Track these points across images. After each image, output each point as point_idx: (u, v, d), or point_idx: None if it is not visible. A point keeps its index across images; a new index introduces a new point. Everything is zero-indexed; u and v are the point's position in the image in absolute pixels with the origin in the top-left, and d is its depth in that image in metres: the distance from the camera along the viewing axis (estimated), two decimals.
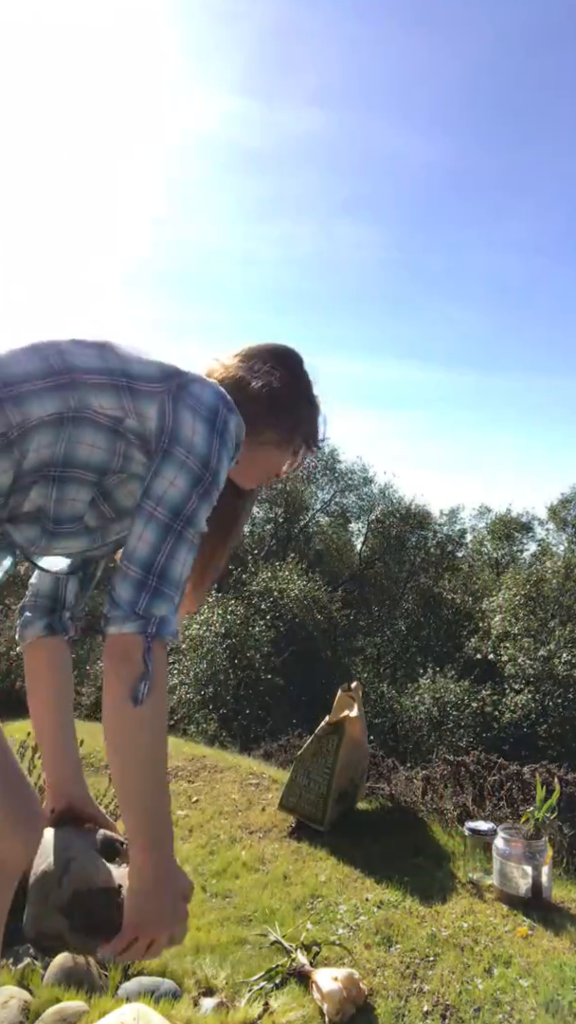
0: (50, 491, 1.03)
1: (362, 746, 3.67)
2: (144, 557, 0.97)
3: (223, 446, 1.04)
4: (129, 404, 1.02)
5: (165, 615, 0.97)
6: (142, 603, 0.96)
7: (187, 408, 1.03)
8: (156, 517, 0.98)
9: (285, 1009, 1.98)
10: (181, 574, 0.99)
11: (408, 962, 2.27)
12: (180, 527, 0.99)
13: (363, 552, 19.92)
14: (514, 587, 16.54)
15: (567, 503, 20.84)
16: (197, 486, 1.00)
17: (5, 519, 1.03)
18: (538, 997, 2.07)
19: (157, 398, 1.03)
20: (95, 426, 1.02)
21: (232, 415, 1.06)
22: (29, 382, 0.98)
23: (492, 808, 3.56)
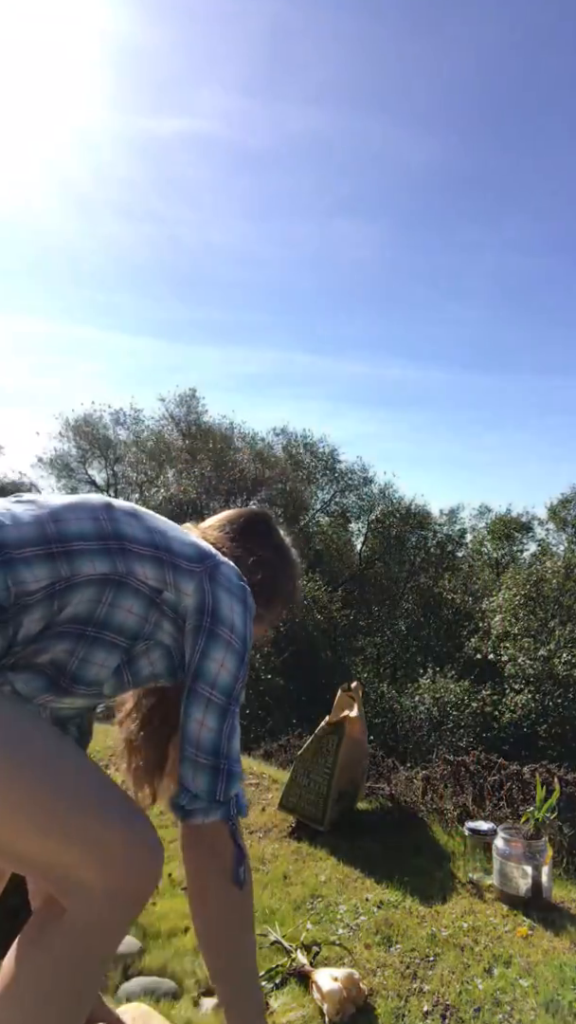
0: (79, 649, 1.04)
1: (362, 746, 3.67)
2: (211, 744, 1.04)
3: (251, 620, 1.12)
4: (171, 578, 1.08)
5: (239, 791, 1.06)
6: (220, 789, 1.03)
7: (223, 589, 1.10)
8: (214, 702, 1.05)
9: (285, 1009, 1.98)
10: (239, 749, 1.07)
11: (408, 962, 2.27)
12: (233, 707, 1.07)
13: (363, 552, 19.92)
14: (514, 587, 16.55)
15: (567, 503, 20.86)
16: (242, 666, 1.08)
17: (8, 666, 1.01)
18: (538, 997, 2.07)
19: (196, 576, 1.09)
20: (135, 593, 1.06)
21: (249, 592, 1.14)
22: (84, 541, 1.02)
23: (492, 808, 3.56)
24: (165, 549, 1.09)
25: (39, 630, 1.00)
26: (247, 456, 18.74)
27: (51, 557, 0.99)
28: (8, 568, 0.94)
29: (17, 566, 0.95)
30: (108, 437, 19.64)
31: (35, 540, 0.99)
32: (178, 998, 2.00)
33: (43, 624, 1.00)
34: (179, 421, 19.90)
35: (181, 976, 2.14)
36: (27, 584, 0.96)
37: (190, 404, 19.91)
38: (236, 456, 18.67)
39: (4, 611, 0.94)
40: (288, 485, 18.58)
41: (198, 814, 1.03)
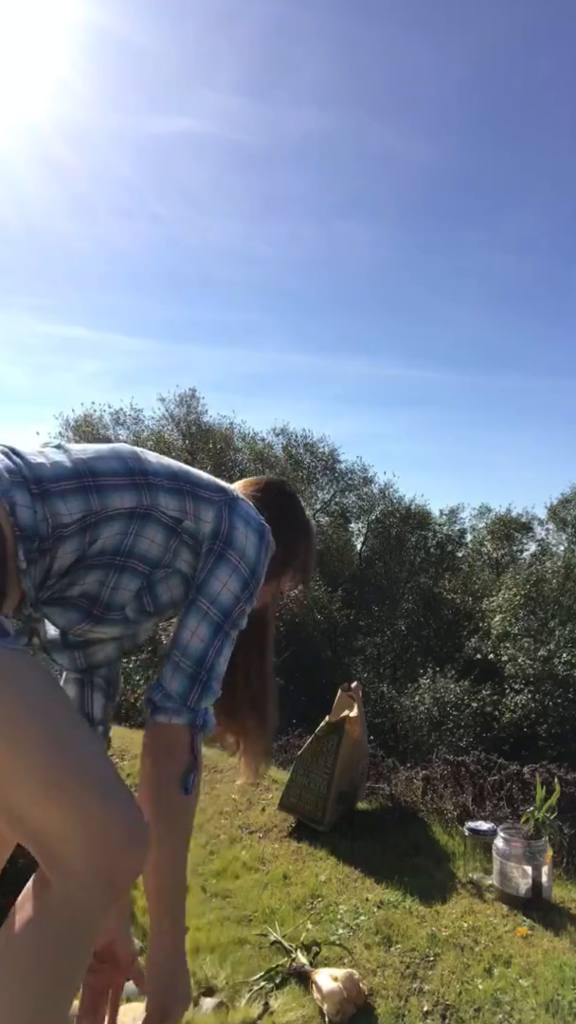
0: (109, 578, 1.10)
1: (362, 746, 3.67)
2: (198, 652, 1.07)
3: (266, 556, 1.16)
4: (191, 507, 1.13)
5: (208, 708, 1.08)
6: (193, 696, 1.06)
7: (240, 518, 1.15)
8: (210, 616, 1.09)
9: (285, 1009, 1.98)
10: (223, 669, 1.09)
11: (408, 962, 2.27)
12: (228, 628, 1.10)
13: (363, 552, 19.92)
14: (514, 587, 16.55)
15: (567, 503, 20.85)
16: (245, 590, 1.12)
17: (43, 600, 1.07)
18: (538, 997, 2.07)
19: (215, 504, 1.14)
20: (158, 523, 1.11)
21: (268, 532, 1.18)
22: (114, 477, 1.09)
23: (492, 808, 3.56)
24: (186, 480, 1.16)
25: (71, 563, 1.05)
26: (247, 456, 18.73)
27: (84, 490, 1.05)
28: (45, 500, 1.01)
29: (53, 499, 1.01)
30: (108, 437, 19.62)
31: (69, 475, 1.05)
32: None
33: (75, 556, 1.05)
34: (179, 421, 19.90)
35: None
36: (62, 516, 1.02)
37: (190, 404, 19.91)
38: (236, 456, 18.66)
39: (44, 541, 1.00)
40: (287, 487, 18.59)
41: (165, 713, 1.05)
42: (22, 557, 0.98)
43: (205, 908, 2.64)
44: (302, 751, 3.58)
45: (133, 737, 5.45)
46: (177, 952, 1.07)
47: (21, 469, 1.02)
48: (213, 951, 2.32)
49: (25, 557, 0.98)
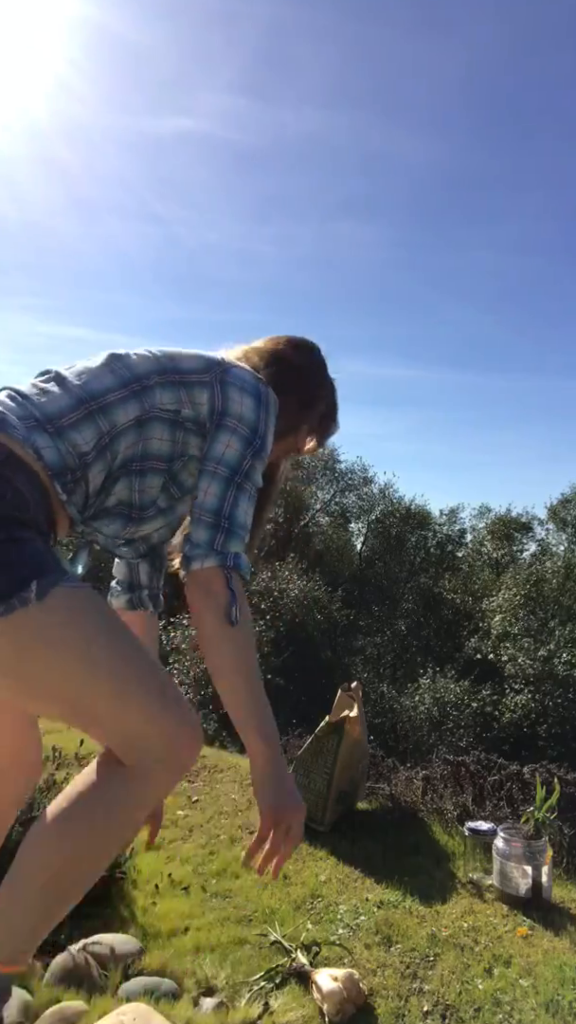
0: (134, 483, 1.19)
1: (362, 746, 3.67)
2: (213, 505, 1.14)
3: (268, 415, 1.21)
4: (185, 396, 1.20)
5: (239, 552, 1.13)
6: (218, 541, 1.12)
7: (233, 387, 1.20)
8: (218, 474, 1.16)
9: (285, 1009, 1.98)
10: (246, 519, 1.16)
11: (408, 962, 2.27)
12: (239, 480, 1.16)
13: (363, 552, 19.92)
14: (514, 587, 16.55)
15: (567, 503, 20.85)
16: (249, 447, 1.18)
17: (91, 516, 1.19)
18: (538, 997, 2.07)
19: (207, 386, 1.20)
20: (161, 421, 1.18)
21: (271, 392, 1.23)
22: (112, 393, 1.15)
23: (492, 808, 3.55)
24: (174, 371, 1.21)
25: (102, 481, 1.16)
26: None
27: (91, 416, 1.13)
28: (61, 436, 1.10)
29: (68, 432, 1.10)
30: None
31: (74, 405, 1.13)
32: (178, 998, 2.00)
33: (104, 475, 1.15)
34: None
35: (181, 976, 2.14)
36: (81, 446, 1.11)
37: None
38: None
39: (74, 472, 1.11)
40: (288, 485, 18.59)
41: (196, 560, 1.12)
42: (60, 490, 1.10)
43: (205, 908, 2.64)
44: (302, 751, 3.58)
45: None
46: (273, 763, 1.12)
47: (32, 412, 1.10)
48: (213, 951, 2.32)
49: (63, 490, 1.10)
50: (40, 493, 1.08)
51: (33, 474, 1.07)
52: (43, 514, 1.09)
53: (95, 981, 1.99)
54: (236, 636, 1.10)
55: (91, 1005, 1.82)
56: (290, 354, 1.37)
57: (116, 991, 1.97)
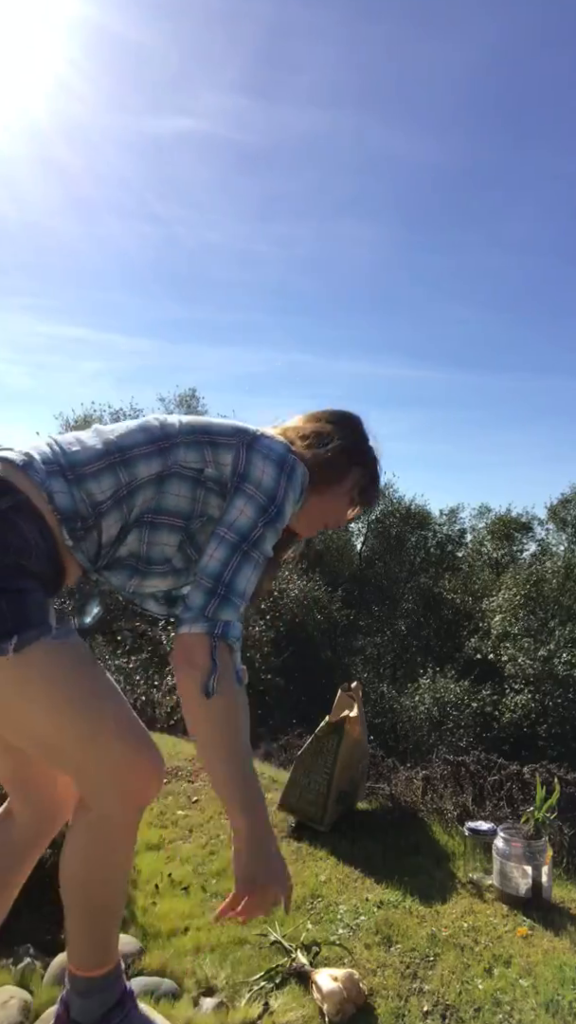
0: (144, 535, 1.21)
1: (362, 746, 3.67)
2: (215, 570, 1.14)
3: (290, 486, 1.20)
4: (210, 455, 1.21)
5: (231, 620, 1.13)
6: (211, 608, 1.12)
7: (258, 454, 1.21)
8: (226, 539, 1.15)
9: (285, 1009, 1.98)
10: (246, 588, 1.15)
11: (408, 962, 2.27)
12: (247, 548, 1.15)
13: (363, 552, 19.91)
14: (514, 587, 16.55)
15: (567, 503, 20.84)
16: (263, 515, 1.17)
17: (104, 566, 1.21)
18: (538, 997, 2.07)
19: (233, 448, 1.21)
20: (181, 478, 1.20)
21: (299, 464, 1.22)
22: (138, 448, 1.19)
23: (492, 808, 3.56)
24: (203, 431, 1.23)
25: (117, 532, 1.18)
26: None
27: (112, 467, 1.17)
28: (79, 484, 1.15)
29: (86, 480, 1.15)
30: None
31: (99, 456, 1.17)
32: (178, 998, 2.00)
33: (120, 526, 1.18)
34: None
35: (181, 976, 2.14)
36: (96, 495, 1.15)
37: (190, 404, 19.90)
38: None
39: (86, 519, 1.15)
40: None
41: (185, 624, 1.12)
42: (67, 536, 1.13)
43: (205, 908, 2.64)
44: (302, 751, 3.58)
45: None
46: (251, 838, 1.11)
47: (58, 458, 1.16)
48: (213, 951, 2.32)
49: (70, 536, 1.14)
50: (46, 539, 1.12)
51: (41, 518, 1.11)
52: (48, 560, 1.13)
53: None
54: (212, 710, 1.10)
55: None
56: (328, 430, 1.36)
57: None
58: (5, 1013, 1.74)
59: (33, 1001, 1.84)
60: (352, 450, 1.37)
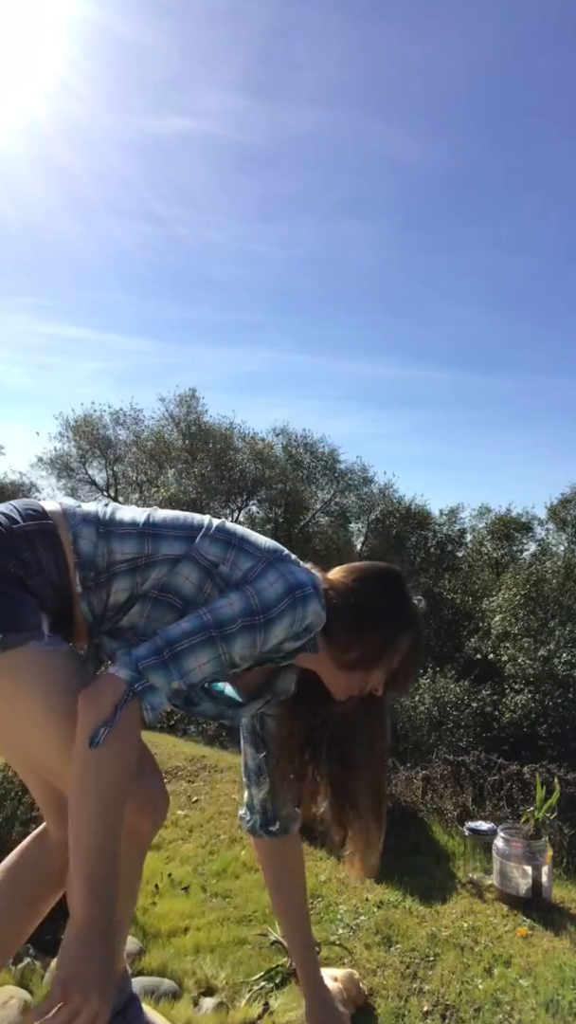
0: (145, 608, 1.19)
1: None
2: (172, 636, 1.09)
3: (291, 612, 1.13)
4: (232, 556, 1.19)
5: (159, 688, 1.05)
6: (147, 663, 1.06)
7: (276, 572, 1.16)
8: (202, 617, 1.11)
9: (285, 1009, 1.98)
10: (192, 670, 1.08)
11: (408, 962, 2.27)
12: (215, 634, 1.10)
13: (363, 552, 19.90)
14: (514, 587, 16.53)
15: (567, 503, 20.81)
16: (248, 616, 1.11)
17: (105, 631, 1.21)
18: (538, 997, 2.07)
19: (256, 559, 1.18)
20: (195, 564, 1.19)
21: (315, 598, 1.15)
22: (171, 530, 1.21)
23: (492, 808, 3.56)
24: (238, 536, 1.22)
25: (124, 599, 1.18)
26: (247, 456, 18.73)
27: (141, 536, 1.19)
28: (106, 539, 1.17)
29: (112, 539, 1.18)
30: (108, 437, 19.61)
31: (135, 526, 1.20)
32: (178, 998, 2.00)
33: (128, 595, 1.18)
34: (179, 421, 19.87)
35: (181, 976, 2.14)
36: (116, 554, 1.17)
37: (190, 404, 19.89)
38: (236, 456, 18.66)
39: (100, 573, 1.16)
40: (288, 485, 18.57)
41: (114, 665, 1.08)
42: (78, 581, 1.15)
43: (205, 908, 2.64)
44: None
45: None
46: (83, 932, 0.95)
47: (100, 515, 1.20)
48: (213, 951, 2.32)
49: (81, 582, 1.15)
50: (60, 572, 1.15)
51: (61, 552, 1.14)
52: (55, 592, 1.15)
53: None
54: (91, 758, 0.98)
55: None
56: (366, 588, 1.29)
57: None
58: (5, 1013, 1.74)
59: (33, 1001, 1.84)
60: (389, 613, 1.29)
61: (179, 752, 4.92)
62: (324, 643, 1.24)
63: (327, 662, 1.26)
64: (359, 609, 1.25)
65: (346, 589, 1.28)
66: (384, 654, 1.27)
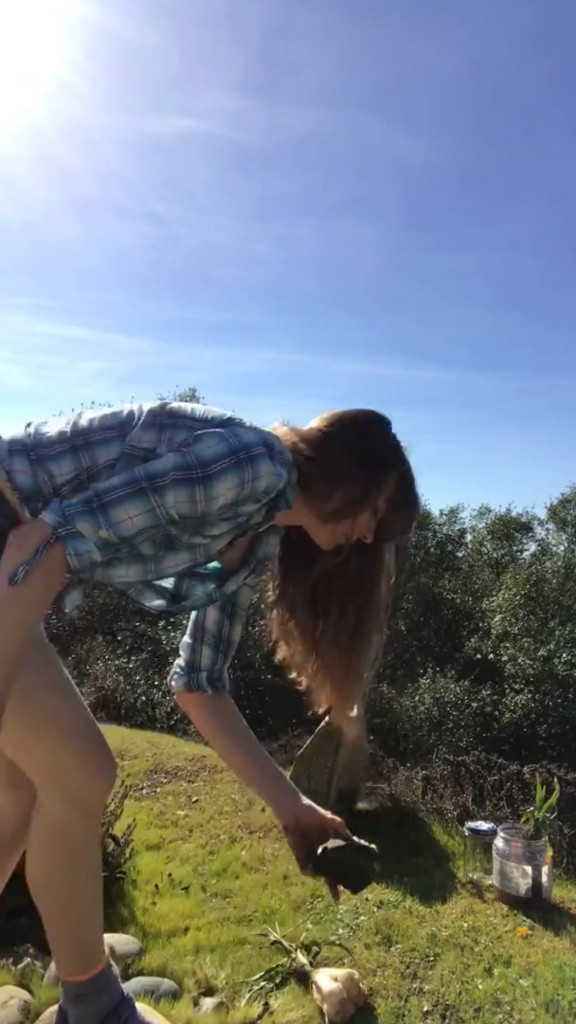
0: None
1: (362, 746, 3.68)
2: (102, 488, 1.05)
3: (237, 471, 1.06)
4: (167, 435, 1.12)
5: (86, 536, 1.01)
6: (73, 508, 1.02)
7: (217, 436, 1.09)
8: (135, 473, 1.05)
9: (285, 1009, 1.98)
10: (122, 521, 1.03)
11: (408, 962, 2.27)
12: (146, 485, 1.03)
13: None
14: (514, 587, 16.55)
15: (567, 503, 20.83)
16: (182, 470, 1.04)
17: None
18: (538, 997, 2.07)
19: (191, 430, 1.11)
20: (134, 459, 1.12)
21: (266, 458, 1.08)
22: (102, 432, 1.14)
23: (492, 808, 3.56)
24: (171, 414, 1.14)
25: None
26: None
27: (74, 451, 1.13)
28: (41, 464, 1.12)
29: (47, 462, 1.12)
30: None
31: (64, 439, 1.14)
32: (178, 998, 2.00)
33: None
34: None
35: (181, 976, 2.14)
36: (56, 477, 1.12)
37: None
38: None
39: (48, 501, 1.09)
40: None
41: (44, 510, 1.04)
42: (28, 515, 1.09)
43: (205, 908, 2.64)
44: (302, 751, 3.58)
45: (133, 738, 5.45)
46: None
47: (27, 440, 1.13)
48: (213, 951, 2.32)
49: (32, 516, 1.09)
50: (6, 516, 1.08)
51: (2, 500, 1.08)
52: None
53: None
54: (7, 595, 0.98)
55: None
56: (340, 432, 1.22)
57: None
58: (5, 1013, 1.74)
59: (33, 1001, 1.84)
60: (370, 456, 1.21)
61: (179, 752, 4.92)
62: (302, 498, 1.19)
63: (308, 516, 1.21)
64: (333, 455, 1.19)
65: (318, 437, 1.21)
66: (366, 497, 1.20)
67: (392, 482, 1.23)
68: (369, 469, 1.21)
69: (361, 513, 1.21)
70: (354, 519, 1.21)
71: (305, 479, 1.18)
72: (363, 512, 1.21)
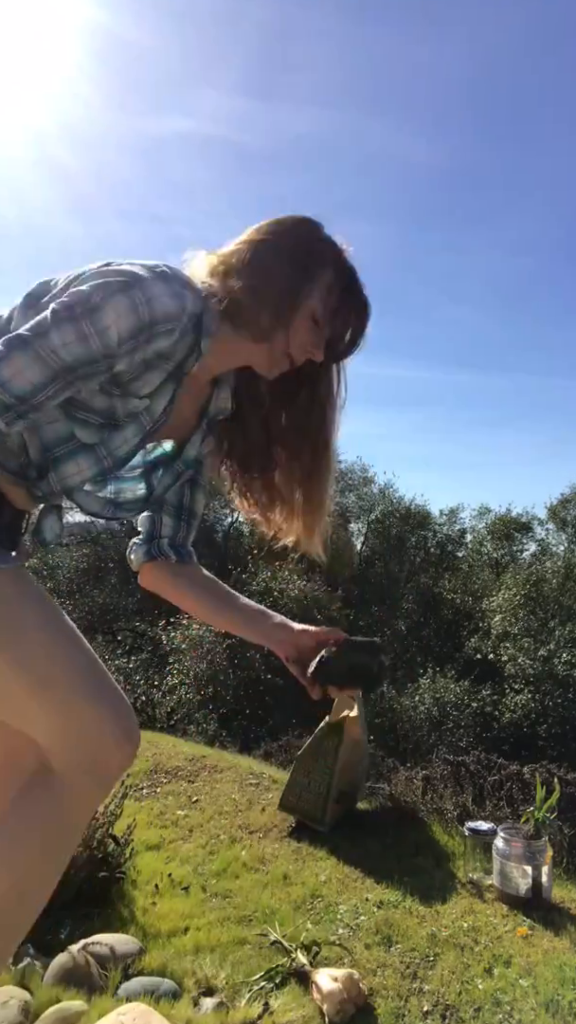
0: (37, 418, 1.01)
1: (362, 746, 3.67)
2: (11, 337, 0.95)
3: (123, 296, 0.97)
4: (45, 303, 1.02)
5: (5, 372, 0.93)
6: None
7: (98, 274, 1.00)
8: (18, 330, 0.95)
9: (285, 1009, 1.98)
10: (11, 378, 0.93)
11: (408, 962, 2.27)
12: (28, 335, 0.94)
13: (363, 552, 19.91)
14: (514, 587, 16.56)
15: (567, 503, 20.81)
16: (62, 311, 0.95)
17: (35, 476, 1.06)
18: (538, 997, 2.07)
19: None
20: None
21: (156, 281, 0.99)
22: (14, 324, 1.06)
23: (492, 808, 3.56)
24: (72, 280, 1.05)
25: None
26: None
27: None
28: None
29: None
30: None
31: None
32: (178, 998, 2.00)
33: None
34: None
35: (181, 976, 2.14)
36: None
37: None
38: None
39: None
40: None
41: None
42: None
43: (205, 908, 2.64)
44: (302, 751, 3.58)
45: None
46: None
47: None
48: (213, 951, 2.32)
49: None
50: None
51: None
52: None
53: (95, 981, 1.99)
54: None
55: (91, 1005, 1.82)
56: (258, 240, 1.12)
57: (116, 991, 1.97)
58: (5, 1013, 1.74)
59: (33, 1001, 1.84)
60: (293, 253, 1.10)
61: (179, 752, 4.91)
62: (231, 324, 1.09)
63: (244, 343, 1.11)
64: (255, 262, 1.09)
65: (236, 249, 1.10)
66: (296, 300, 1.09)
67: (327, 277, 1.12)
68: (296, 265, 1.11)
69: (294, 318, 1.11)
70: (288, 328, 1.11)
71: (233, 302, 1.08)
72: (296, 316, 1.11)
